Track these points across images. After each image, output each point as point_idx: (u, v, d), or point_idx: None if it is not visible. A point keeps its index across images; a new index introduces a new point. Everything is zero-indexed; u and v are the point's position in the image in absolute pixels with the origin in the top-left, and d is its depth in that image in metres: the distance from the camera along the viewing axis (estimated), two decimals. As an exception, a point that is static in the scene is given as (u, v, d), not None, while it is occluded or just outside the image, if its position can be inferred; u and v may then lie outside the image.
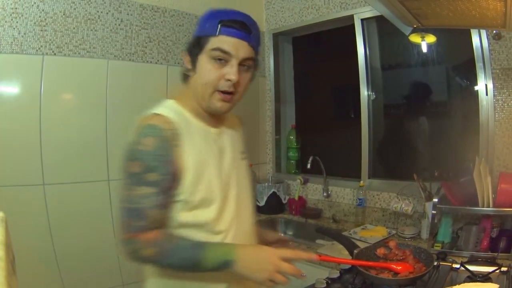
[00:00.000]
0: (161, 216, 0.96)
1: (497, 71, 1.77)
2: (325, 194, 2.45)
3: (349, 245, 1.37)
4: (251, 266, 0.94)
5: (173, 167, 0.96)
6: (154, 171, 0.93)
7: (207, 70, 1.00)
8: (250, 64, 1.03)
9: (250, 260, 0.95)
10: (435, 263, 1.34)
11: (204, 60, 1.00)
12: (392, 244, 1.31)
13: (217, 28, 0.97)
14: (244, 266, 0.94)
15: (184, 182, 0.98)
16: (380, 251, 1.29)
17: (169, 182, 0.96)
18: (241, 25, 0.99)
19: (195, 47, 1.02)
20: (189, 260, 0.93)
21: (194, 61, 1.03)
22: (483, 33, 1.78)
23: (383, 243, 1.35)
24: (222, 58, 0.98)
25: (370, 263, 1.21)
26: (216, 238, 1.02)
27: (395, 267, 1.18)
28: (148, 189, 0.93)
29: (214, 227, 1.03)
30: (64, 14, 1.77)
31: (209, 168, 1.03)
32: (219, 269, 0.94)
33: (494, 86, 1.79)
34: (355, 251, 1.28)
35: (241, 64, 1.00)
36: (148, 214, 0.93)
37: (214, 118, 1.10)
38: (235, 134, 1.20)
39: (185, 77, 1.09)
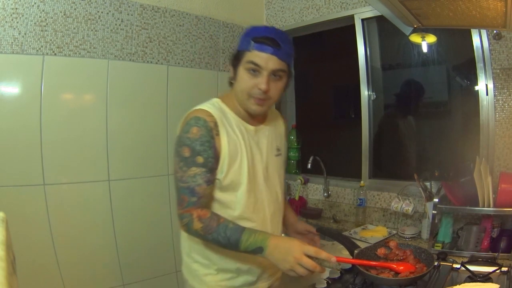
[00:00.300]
0: (209, 191, 1.17)
1: (498, 71, 1.77)
2: (325, 194, 2.45)
3: (350, 245, 1.37)
4: (277, 255, 1.08)
5: (215, 151, 1.16)
6: (201, 155, 1.13)
7: (243, 79, 1.19)
8: (281, 74, 1.20)
9: (277, 251, 1.08)
10: (436, 263, 1.34)
11: (241, 71, 1.19)
12: (392, 244, 1.31)
13: (251, 44, 1.16)
14: (272, 254, 1.08)
15: (221, 165, 1.18)
16: (381, 251, 1.29)
17: (213, 164, 1.16)
18: (271, 41, 1.15)
19: (236, 59, 1.22)
20: (228, 239, 1.10)
21: (235, 71, 1.22)
22: (484, 33, 1.78)
23: (384, 243, 1.35)
24: (255, 70, 1.16)
25: (382, 264, 1.21)
26: (245, 223, 1.18)
27: (395, 267, 1.18)
28: (197, 169, 1.13)
29: (243, 210, 1.22)
30: (64, 14, 1.77)
31: (241, 156, 1.21)
32: (251, 252, 1.10)
33: (494, 86, 1.79)
34: (356, 251, 1.28)
35: (273, 74, 1.17)
36: (198, 190, 1.13)
37: (253, 117, 1.28)
38: (274, 132, 1.38)
39: (231, 83, 1.28)
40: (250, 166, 1.23)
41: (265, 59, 1.15)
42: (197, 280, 1.30)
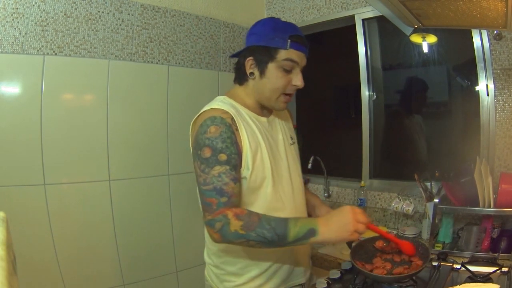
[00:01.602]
0: (237, 189, 1.10)
1: (498, 71, 1.77)
2: (326, 194, 2.45)
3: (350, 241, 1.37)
4: (334, 228, 1.05)
5: (238, 147, 1.11)
6: (223, 152, 1.07)
7: (278, 77, 1.17)
8: (302, 71, 1.22)
9: (331, 225, 1.05)
10: (436, 264, 1.34)
11: (273, 68, 1.17)
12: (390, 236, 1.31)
13: (287, 42, 1.15)
14: (327, 231, 1.04)
15: (245, 160, 1.13)
16: (379, 243, 1.29)
17: (237, 160, 1.10)
18: (303, 41, 1.19)
19: (265, 55, 1.16)
20: (275, 230, 1.03)
21: (262, 68, 1.18)
22: (484, 33, 1.78)
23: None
24: (290, 68, 1.17)
25: (390, 236, 1.25)
26: (276, 215, 1.11)
27: (399, 243, 1.23)
28: (221, 167, 1.06)
29: (272, 203, 1.18)
30: (65, 14, 1.77)
31: (261, 149, 1.18)
32: (302, 238, 1.04)
33: (495, 87, 1.78)
34: (353, 244, 1.28)
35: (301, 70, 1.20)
36: (226, 189, 1.05)
37: (264, 109, 1.27)
38: (284, 122, 1.36)
39: (240, 78, 1.26)
40: (271, 159, 1.20)
41: (301, 57, 1.18)
42: None
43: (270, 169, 1.18)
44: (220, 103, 1.18)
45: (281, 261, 1.24)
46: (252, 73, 1.20)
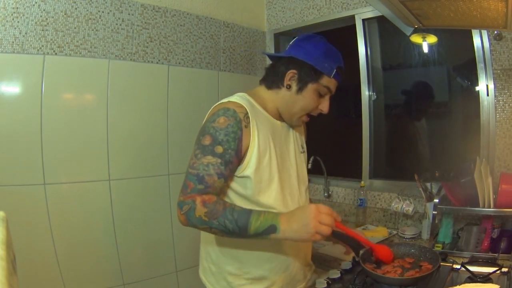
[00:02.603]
0: (219, 184, 1.08)
1: (498, 71, 1.77)
2: (326, 194, 2.45)
3: (356, 246, 1.36)
4: (294, 227, 1.01)
5: (240, 144, 1.10)
6: (221, 145, 1.07)
7: (312, 99, 1.21)
8: None
9: (293, 223, 1.01)
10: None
11: (311, 90, 1.19)
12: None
13: (333, 71, 1.18)
14: (287, 229, 1.01)
15: (250, 158, 1.12)
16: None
17: (232, 157, 1.08)
18: (343, 72, 1.22)
19: (309, 75, 1.18)
20: (237, 222, 1.01)
21: (302, 85, 1.19)
22: (484, 33, 1.78)
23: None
24: (324, 94, 1.22)
25: (360, 238, 1.20)
26: None
27: (372, 246, 1.20)
28: (213, 159, 1.06)
29: (277, 206, 1.17)
30: (65, 14, 1.77)
31: (271, 151, 1.17)
32: (264, 233, 1.01)
33: (495, 87, 1.78)
34: (361, 251, 1.28)
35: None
36: (207, 180, 1.05)
37: (280, 115, 1.27)
38: (297, 129, 1.36)
39: (272, 83, 1.24)
40: (280, 163, 1.20)
41: (336, 86, 1.23)
42: None
43: (277, 172, 1.18)
44: (239, 98, 1.17)
45: (283, 266, 1.23)
46: (289, 85, 1.20)
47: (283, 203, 1.19)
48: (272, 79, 1.24)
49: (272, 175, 1.17)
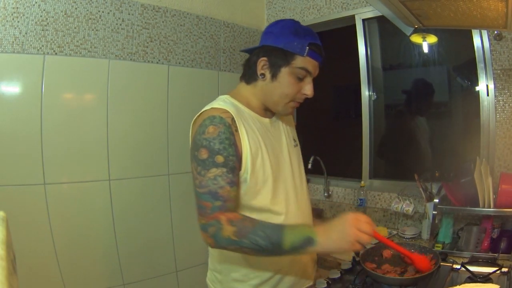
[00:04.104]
0: (234, 193, 1.04)
1: (498, 71, 1.77)
2: (326, 194, 2.45)
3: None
4: (334, 237, 0.96)
5: (237, 149, 1.06)
6: (220, 154, 1.02)
7: (289, 83, 1.13)
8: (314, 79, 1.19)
9: (331, 234, 0.97)
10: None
11: (286, 74, 1.12)
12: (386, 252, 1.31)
13: (306, 50, 1.10)
14: (326, 240, 0.96)
15: (244, 164, 1.08)
16: (387, 252, 1.29)
17: (235, 163, 1.05)
18: (321, 51, 1.15)
19: (280, 58, 1.11)
20: (270, 238, 0.95)
21: (275, 71, 1.13)
22: (484, 33, 1.78)
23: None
24: (302, 76, 1.13)
25: (403, 251, 1.17)
26: (277, 219, 1.10)
27: (414, 258, 1.15)
28: (218, 170, 1.01)
29: (273, 207, 1.13)
30: (65, 14, 1.77)
31: (262, 152, 1.13)
32: (300, 248, 0.96)
33: (495, 87, 1.79)
34: (361, 251, 1.27)
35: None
36: (222, 193, 1.00)
37: (268, 111, 1.22)
38: (287, 124, 1.32)
39: (249, 77, 1.19)
40: (273, 162, 1.15)
41: (315, 67, 1.15)
42: None
43: (271, 172, 1.13)
44: (222, 102, 1.13)
45: (285, 270, 1.19)
46: (263, 74, 1.15)
47: (278, 202, 1.15)
48: (248, 72, 1.19)
49: (266, 176, 1.13)
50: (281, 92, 1.14)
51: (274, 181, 1.14)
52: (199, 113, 1.12)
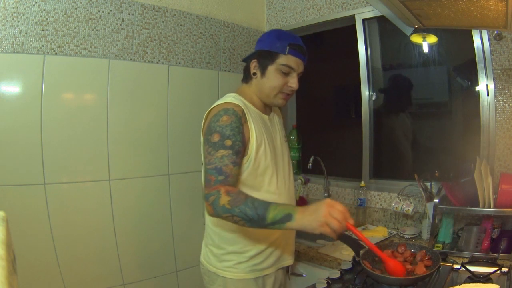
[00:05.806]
0: (235, 171, 1.24)
1: (498, 71, 1.77)
2: (326, 194, 2.45)
3: (355, 245, 1.37)
4: (307, 217, 1.09)
5: (243, 137, 1.28)
6: (229, 138, 1.23)
7: (276, 78, 1.38)
8: (301, 75, 1.43)
9: (306, 213, 1.10)
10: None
11: (272, 70, 1.37)
12: (401, 249, 1.31)
13: (286, 49, 1.34)
14: (301, 219, 1.09)
15: (250, 149, 1.31)
16: (387, 252, 1.29)
17: (240, 147, 1.26)
18: (302, 50, 1.38)
19: (266, 58, 1.37)
20: (256, 209, 1.12)
21: (263, 69, 1.39)
22: (485, 33, 1.78)
23: (392, 245, 1.36)
24: (287, 72, 1.37)
25: (381, 254, 1.18)
26: (270, 197, 1.30)
27: (389, 262, 1.16)
28: (225, 151, 1.21)
29: (269, 187, 1.37)
30: (65, 14, 1.77)
31: (264, 142, 1.37)
32: (280, 221, 1.11)
33: (495, 87, 1.78)
34: (361, 251, 1.28)
35: (297, 75, 1.41)
36: (225, 170, 1.20)
37: (267, 108, 1.49)
38: (279, 121, 1.59)
39: (246, 78, 1.46)
40: (271, 150, 1.39)
41: (298, 63, 1.38)
42: (229, 270, 1.39)
43: (270, 159, 1.37)
44: (233, 98, 1.35)
45: (276, 244, 1.42)
46: (255, 73, 1.41)
47: (275, 185, 1.39)
48: (245, 74, 1.47)
49: (267, 162, 1.36)
50: (270, 86, 1.39)
51: (271, 166, 1.38)
52: (213, 106, 1.34)
